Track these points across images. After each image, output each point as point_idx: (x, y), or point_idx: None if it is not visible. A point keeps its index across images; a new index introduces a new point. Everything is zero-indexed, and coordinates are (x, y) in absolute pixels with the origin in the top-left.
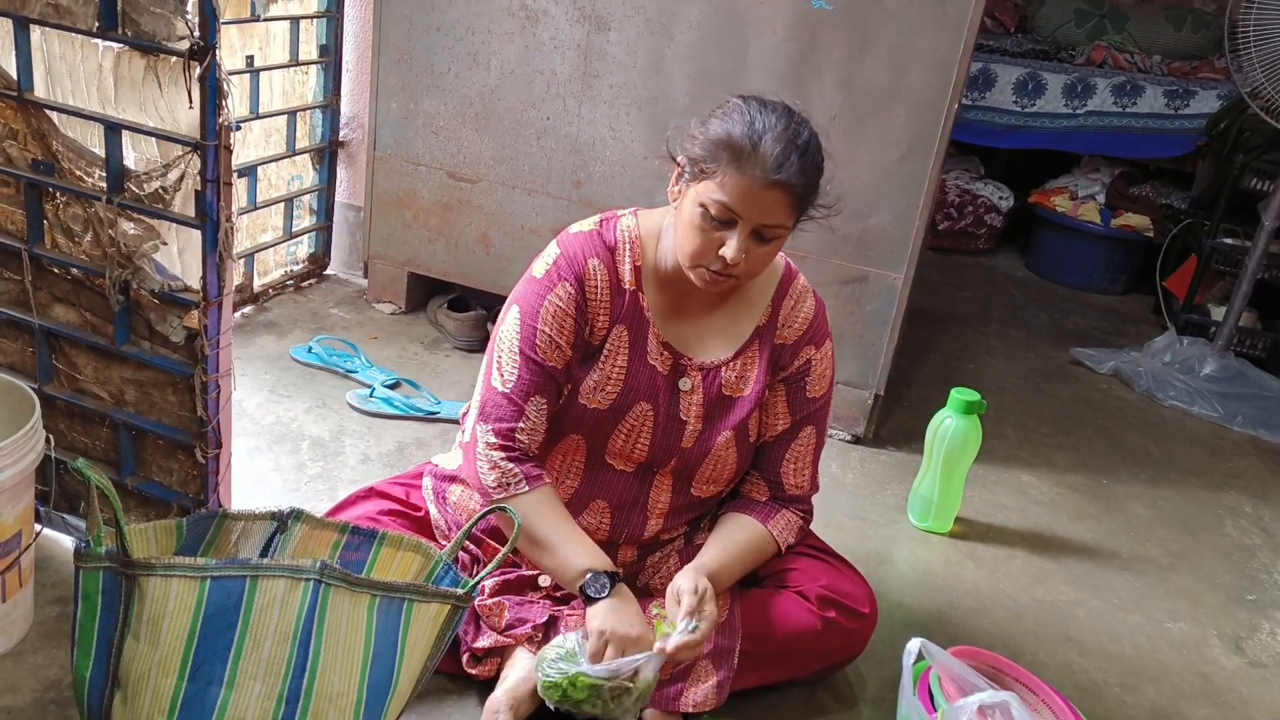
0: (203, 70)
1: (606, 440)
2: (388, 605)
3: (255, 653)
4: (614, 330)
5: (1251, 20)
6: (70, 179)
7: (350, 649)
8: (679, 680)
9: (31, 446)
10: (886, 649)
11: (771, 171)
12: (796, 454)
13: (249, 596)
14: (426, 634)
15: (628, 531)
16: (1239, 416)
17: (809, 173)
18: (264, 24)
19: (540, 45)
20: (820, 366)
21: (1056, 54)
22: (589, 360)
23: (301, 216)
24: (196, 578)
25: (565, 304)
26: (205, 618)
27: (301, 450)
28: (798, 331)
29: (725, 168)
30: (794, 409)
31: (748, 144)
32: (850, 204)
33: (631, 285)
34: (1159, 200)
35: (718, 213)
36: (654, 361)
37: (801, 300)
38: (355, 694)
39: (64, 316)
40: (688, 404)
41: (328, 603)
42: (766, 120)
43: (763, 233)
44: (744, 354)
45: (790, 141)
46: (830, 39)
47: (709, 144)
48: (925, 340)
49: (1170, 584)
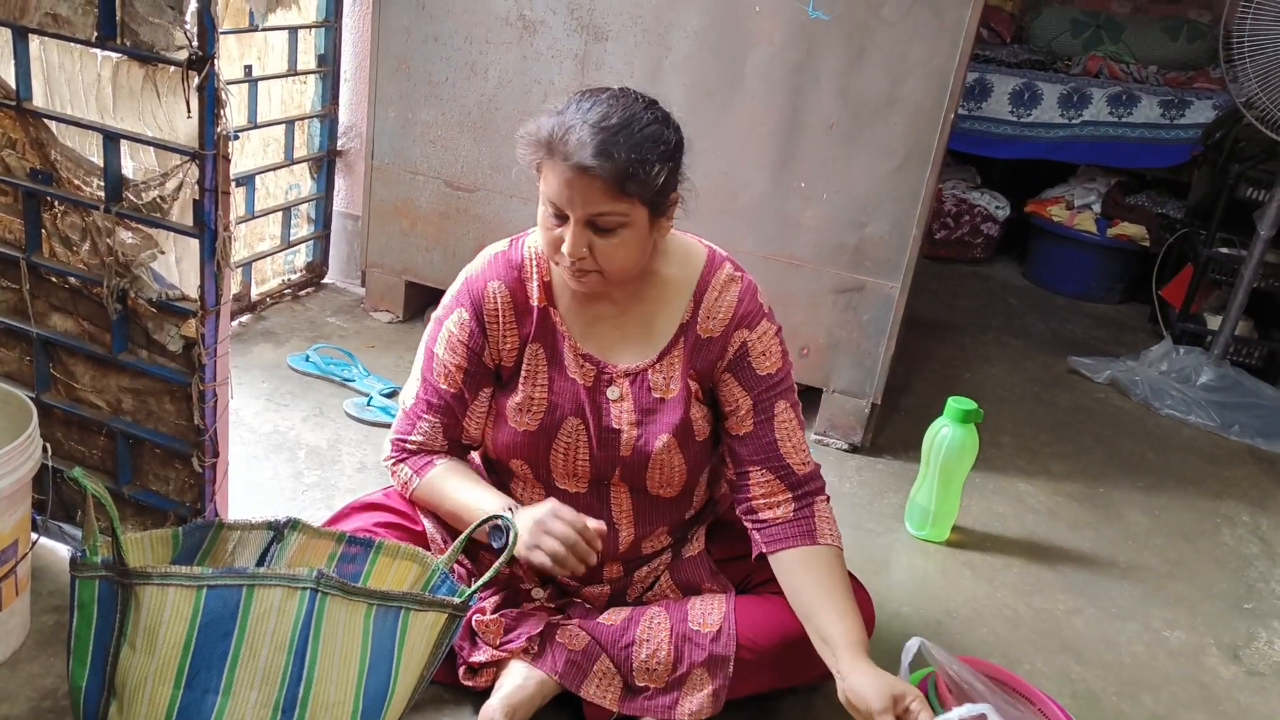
0: (201, 80)
1: (546, 461)
2: (384, 614)
3: (251, 661)
4: (528, 349)
5: (1246, 31)
6: (68, 188)
7: (346, 658)
8: (674, 689)
9: (28, 455)
10: (884, 657)
11: (573, 157)
12: (784, 432)
13: (245, 605)
14: (423, 643)
15: (604, 546)
16: (1235, 425)
17: (618, 152)
18: (262, 34)
19: (538, 55)
20: (760, 345)
21: (1052, 64)
22: (509, 383)
23: (299, 225)
24: (193, 587)
25: (459, 331)
26: (201, 626)
27: (299, 459)
28: (723, 321)
29: (544, 161)
30: (748, 386)
31: (556, 135)
32: (847, 213)
33: (541, 302)
34: (1155, 210)
35: (551, 208)
36: (574, 375)
37: (726, 290)
38: (351, 703)
39: (62, 325)
40: (618, 412)
41: (324, 612)
42: (580, 109)
43: (596, 222)
44: (669, 353)
45: (595, 125)
46: (827, 49)
47: (528, 142)
48: (922, 349)
49: (1168, 592)
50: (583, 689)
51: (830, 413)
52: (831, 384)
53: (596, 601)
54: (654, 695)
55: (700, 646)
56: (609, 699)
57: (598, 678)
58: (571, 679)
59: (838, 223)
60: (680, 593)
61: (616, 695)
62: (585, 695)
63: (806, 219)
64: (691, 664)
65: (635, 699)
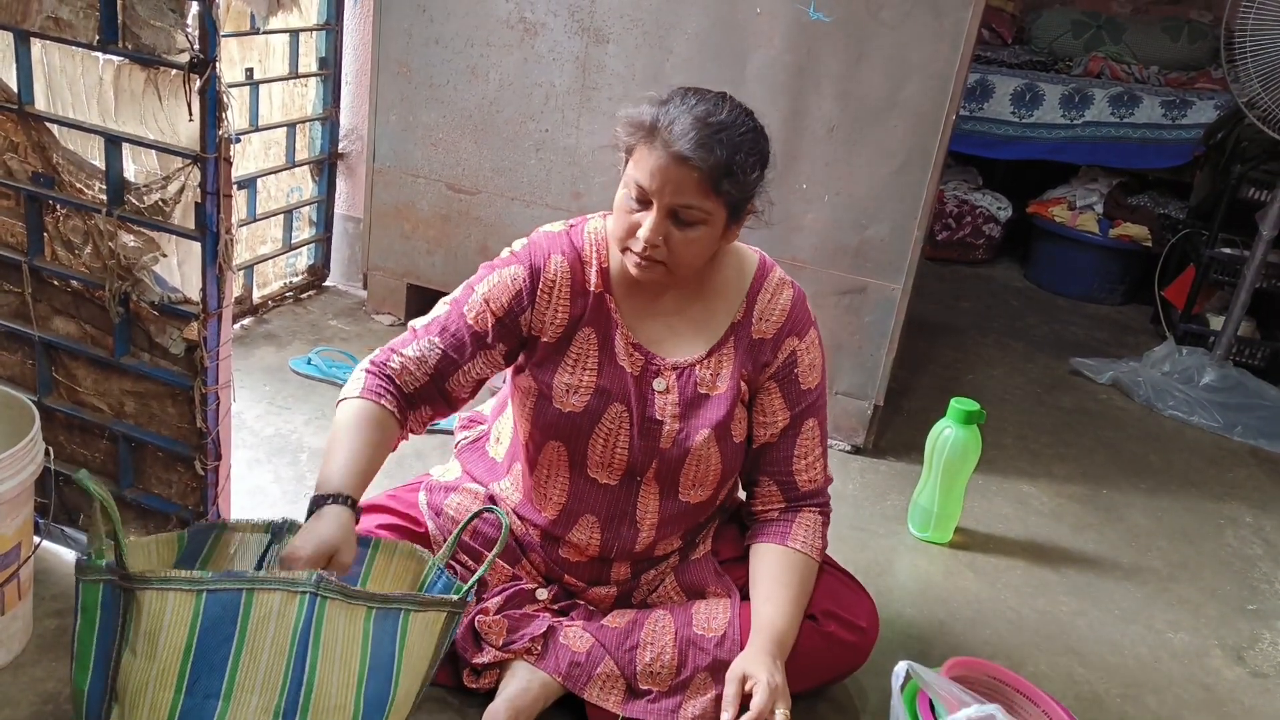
0: (203, 83)
1: (585, 447)
2: (384, 616)
3: (252, 665)
4: (581, 332)
5: (1248, 31)
6: (70, 192)
7: (347, 661)
8: (678, 693)
9: (31, 459)
10: (887, 661)
11: (673, 145)
12: (804, 449)
13: (245, 609)
14: (424, 643)
15: (619, 546)
16: (1239, 426)
17: (719, 151)
18: (263, 37)
19: (539, 58)
20: (808, 357)
21: (1054, 65)
22: (545, 362)
23: (301, 228)
24: (192, 591)
25: (511, 284)
26: (202, 631)
27: (301, 462)
28: (775, 324)
29: (640, 146)
30: (790, 403)
31: (660, 122)
32: (848, 215)
33: (598, 288)
34: (1157, 210)
35: (636, 192)
36: (623, 363)
37: (778, 293)
38: (353, 706)
39: (64, 329)
40: (663, 404)
41: (324, 615)
42: (686, 102)
43: (679, 214)
44: (718, 351)
45: (700, 120)
46: (828, 51)
47: (629, 125)
48: (924, 351)
49: (1171, 594)
50: (586, 691)
51: (832, 415)
52: (834, 386)
53: (602, 603)
54: (657, 699)
55: (705, 651)
56: (612, 702)
57: (601, 680)
58: (575, 681)
59: (839, 224)
60: (685, 595)
61: (619, 698)
62: (588, 698)
63: (808, 221)
64: (695, 668)
65: (638, 702)
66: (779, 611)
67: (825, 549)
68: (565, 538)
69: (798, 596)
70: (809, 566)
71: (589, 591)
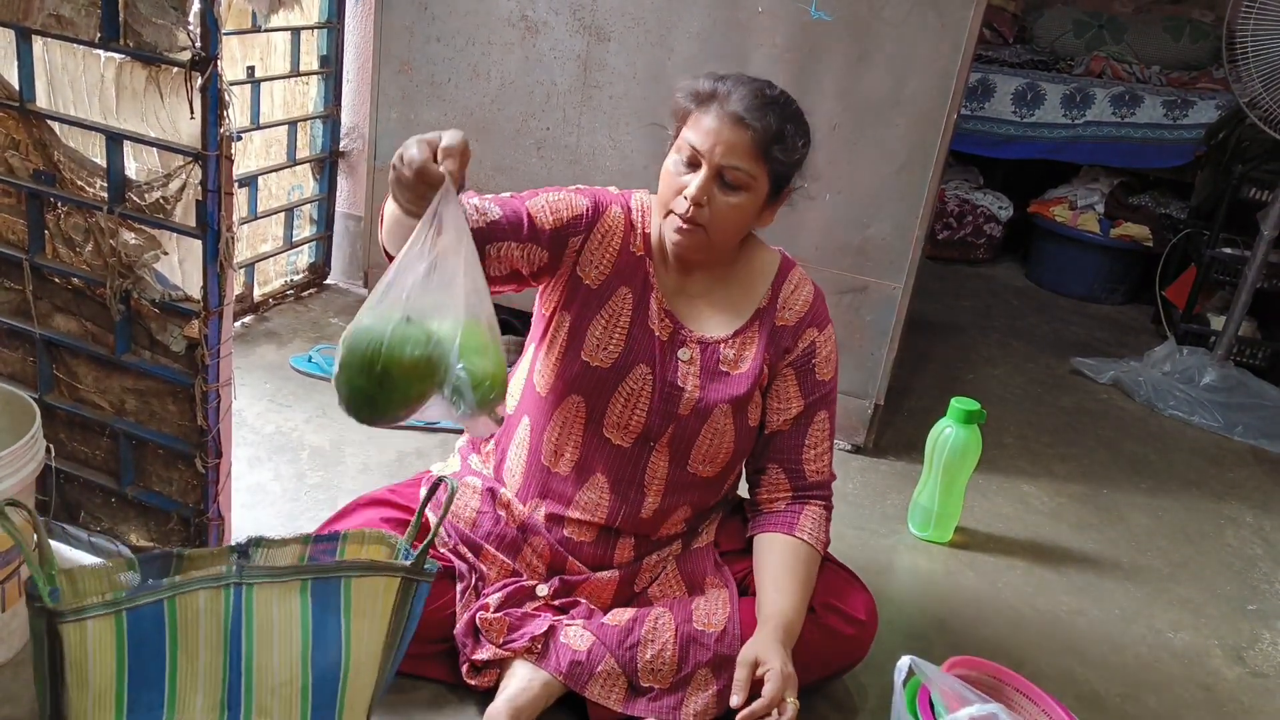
0: (204, 81)
1: (606, 405)
2: (322, 586)
3: (190, 669)
4: (619, 290)
5: (1249, 31)
6: (71, 189)
7: (286, 638)
8: (679, 689)
9: (32, 456)
10: (887, 658)
11: (730, 107)
12: (814, 439)
13: (171, 616)
14: (377, 610)
15: (626, 510)
16: (1239, 426)
17: (771, 117)
18: (265, 35)
19: (540, 56)
20: (825, 349)
21: (1055, 64)
22: (585, 308)
23: (302, 226)
24: (110, 614)
25: (574, 204)
26: (130, 650)
27: (301, 459)
28: (798, 314)
29: (695, 110)
30: (805, 391)
31: (718, 89)
32: (849, 214)
33: (640, 251)
34: (1158, 210)
35: (688, 154)
36: (654, 326)
37: (801, 285)
38: (300, 680)
39: (65, 326)
40: (686, 372)
41: (252, 601)
42: (741, 78)
43: (725, 175)
44: (744, 333)
45: (755, 89)
46: (829, 50)
47: (688, 92)
48: (925, 350)
49: (1172, 594)
50: (587, 689)
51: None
52: None
53: (603, 593)
54: (659, 696)
55: (705, 647)
56: (614, 700)
57: (602, 678)
58: (576, 679)
59: (840, 223)
60: (684, 584)
61: (621, 696)
62: (590, 696)
63: (809, 220)
64: (696, 664)
65: (640, 699)
66: (789, 601)
67: (829, 544)
68: (574, 499)
69: (804, 586)
70: (814, 558)
71: (591, 579)
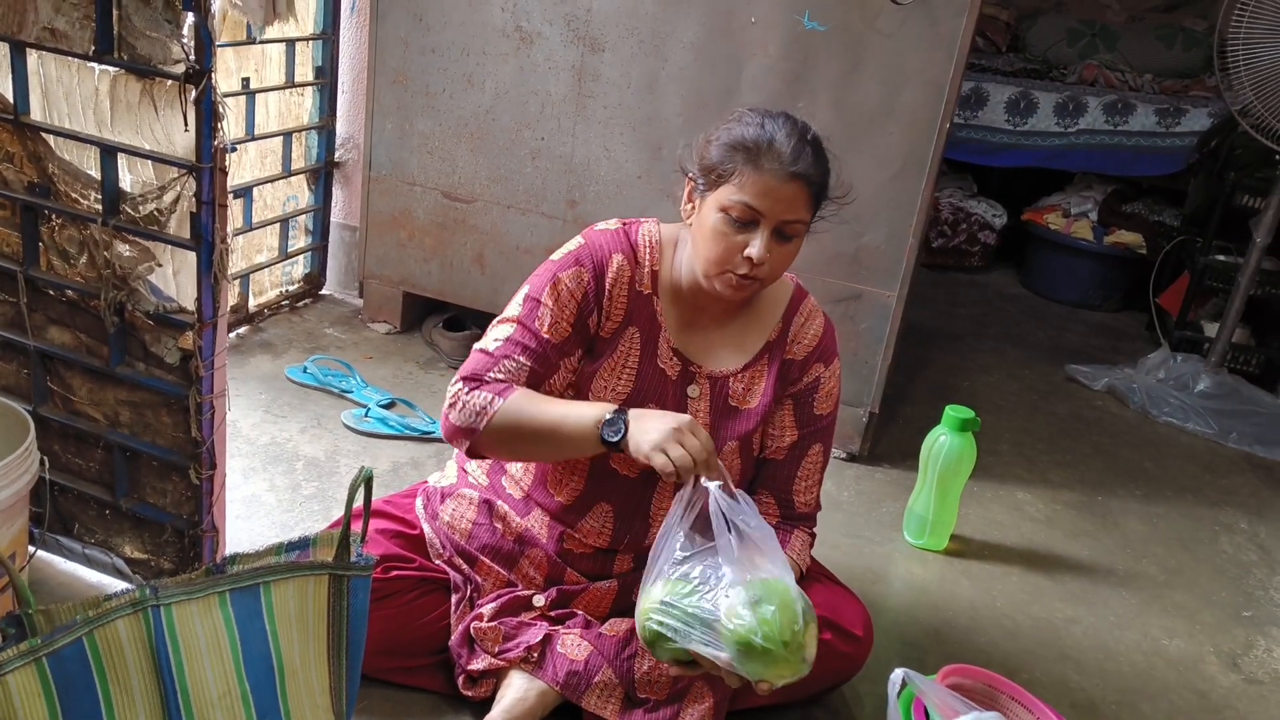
0: (198, 93)
1: None
2: (242, 595)
3: (125, 699)
4: (627, 331)
5: (1241, 39)
6: (66, 201)
7: (215, 651)
8: (675, 701)
9: (26, 469)
10: (882, 668)
11: (789, 164)
12: (806, 472)
13: (92, 653)
14: (308, 612)
15: (629, 538)
16: (1233, 433)
17: (821, 165)
18: (260, 46)
19: (535, 66)
20: (828, 385)
21: (1048, 73)
22: (597, 357)
23: (297, 237)
24: (30, 662)
25: (574, 286)
26: (60, 695)
27: (296, 470)
28: (807, 348)
29: (743, 168)
30: (800, 423)
31: (763, 142)
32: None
33: (648, 289)
34: (1151, 217)
35: (740, 214)
36: (664, 365)
37: (812, 318)
38: (237, 689)
39: (59, 338)
40: (694, 410)
41: (173, 620)
42: (775, 122)
43: (784, 230)
44: (753, 367)
45: (800, 136)
46: (823, 59)
47: (724, 148)
48: (920, 358)
49: (1166, 601)
50: (584, 700)
51: None
52: None
53: (601, 601)
54: (655, 707)
55: None
56: (610, 710)
57: (599, 689)
58: (573, 689)
59: (835, 232)
60: None
61: (617, 707)
62: (586, 706)
63: None
64: (692, 676)
65: (636, 710)
66: None
67: (807, 569)
68: (577, 525)
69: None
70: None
71: (590, 589)
